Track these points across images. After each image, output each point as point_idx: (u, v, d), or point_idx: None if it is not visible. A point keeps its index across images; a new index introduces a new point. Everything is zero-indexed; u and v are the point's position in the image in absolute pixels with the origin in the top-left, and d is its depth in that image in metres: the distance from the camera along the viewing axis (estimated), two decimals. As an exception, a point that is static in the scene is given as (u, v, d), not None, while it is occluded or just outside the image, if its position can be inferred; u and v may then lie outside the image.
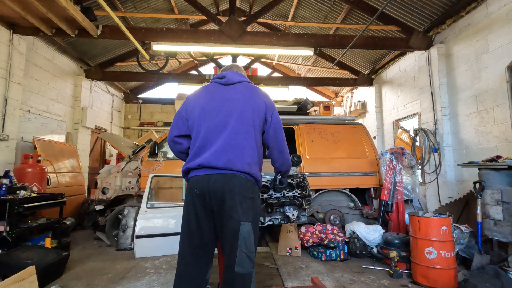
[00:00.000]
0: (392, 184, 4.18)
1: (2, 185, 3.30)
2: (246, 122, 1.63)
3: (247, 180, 1.60)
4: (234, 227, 1.53)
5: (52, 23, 4.48)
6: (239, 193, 1.55)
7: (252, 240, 1.57)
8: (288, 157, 1.83)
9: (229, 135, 1.60)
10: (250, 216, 1.58)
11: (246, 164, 1.59)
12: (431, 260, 2.81)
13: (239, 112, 1.64)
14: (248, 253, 1.55)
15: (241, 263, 1.52)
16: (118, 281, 2.96)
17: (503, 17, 3.93)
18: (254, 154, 1.64)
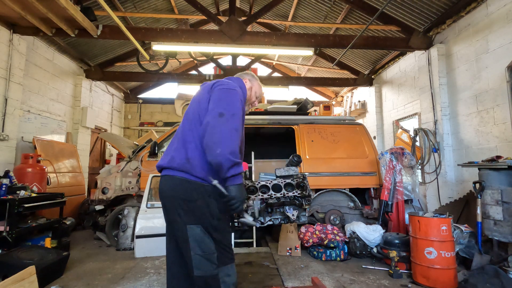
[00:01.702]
0: (392, 184, 4.18)
1: (2, 185, 3.30)
2: (191, 117, 1.61)
3: (186, 181, 1.51)
4: (181, 231, 1.51)
5: (52, 23, 4.48)
6: (177, 196, 1.51)
7: (208, 242, 1.48)
8: (224, 152, 1.37)
9: (178, 135, 1.64)
10: (197, 218, 1.50)
11: (184, 159, 1.51)
12: (431, 260, 2.81)
13: (187, 111, 1.69)
14: (205, 255, 1.48)
15: (198, 266, 1.47)
16: (118, 281, 2.96)
17: (503, 17, 3.93)
18: (196, 150, 1.51)
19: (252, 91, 1.88)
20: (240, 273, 3.19)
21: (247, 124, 4.86)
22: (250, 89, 1.87)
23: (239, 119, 1.50)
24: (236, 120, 1.48)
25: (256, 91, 1.90)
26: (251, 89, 1.88)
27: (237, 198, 1.43)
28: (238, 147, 1.44)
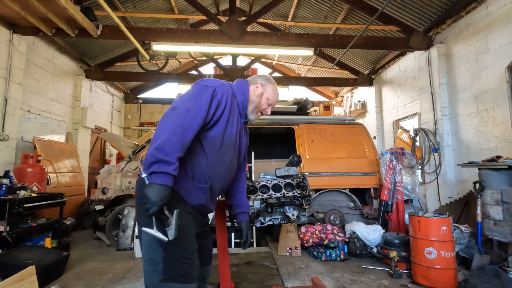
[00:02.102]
0: (392, 184, 4.18)
1: (2, 185, 3.30)
2: None
3: (139, 177, 1.44)
4: (139, 233, 1.42)
5: (52, 23, 4.48)
6: (136, 196, 1.46)
7: (156, 248, 1.31)
8: (152, 146, 1.25)
9: None
10: (140, 218, 1.41)
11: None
12: (431, 260, 2.81)
13: None
14: (151, 263, 1.34)
15: (145, 275, 1.36)
16: (118, 281, 2.96)
17: (503, 17, 3.93)
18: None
19: (263, 97, 1.66)
20: (240, 273, 3.19)
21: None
22: (260, 95, 1.65)
23: (192, 116, 1.32)
24: (187, 117, 1.31)
25: (269, 97, 1.67)
26: (261, 95, 1.66)
27: (149, 199, 1.19)
28: (176, 144, 1.24)
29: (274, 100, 1.71)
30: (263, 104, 1.67)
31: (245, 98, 1.62)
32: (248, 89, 1.65)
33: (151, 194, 1.19)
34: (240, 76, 7.42)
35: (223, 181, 1.57)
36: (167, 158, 1.21)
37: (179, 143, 1.26)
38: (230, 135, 1.50)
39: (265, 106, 1.68)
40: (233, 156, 1.56)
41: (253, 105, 1.64)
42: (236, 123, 1.53)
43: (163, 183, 1.21)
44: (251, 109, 1.64)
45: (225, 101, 1.46)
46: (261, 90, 1.67)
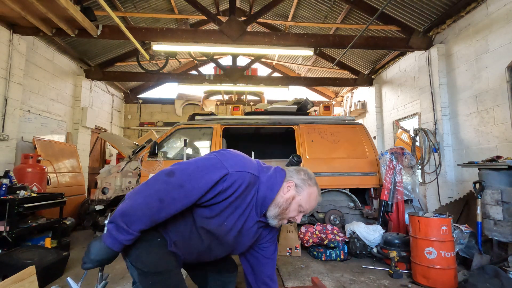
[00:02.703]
0: (392, 184, 4.18)
1: (2, 185, 3.30)
2: None
3: None
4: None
5: (52, 23, 4.48)
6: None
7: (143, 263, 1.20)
8: (118, 211, 1.14)
9: None
10: (133, 269, 1.24)
11: None
12: (431, 260, 2.81)
13: None
14: None
15: None
16: (118, 281, 2.96)
17: (503, 17, 3.93)
18: None
19: (293, 202, 1.31)
20: (240, 273, 3.18)
21: (247, 124, 4.86)
22: (290, 199, 1.30)
23: (181, 195, 1.13)
24: (175, 193, 1.12)
25: (302, 204, 1.31)
26: (291, 200, 1.30)
27: (88, 253, 1.13)
28: (145, 217, 1.10)
29: (307, 208, 1.33)
30: (292, 212, 1.32)
31: (270, 196, 1.29)
32: (279, 187, 1.31)
33: (93, 250, 1.12)
34: (240, 76, 7.43)
35: (200, 257, 1.40)
36: (126, 228, 1.09)
37: (149, 218, 1.12)
38: (220, 226, 1.27)
39: (294, 214, 1.33)
40: (218, 245, 1.34)
41: (278, 210, 1.30)
42: (236, 218, 1.27)
43: (109, 247, 1.11)
44: (274, 214, 1.31)
45: (230, 192, 1.20)
46: (292, 193, 1.31)
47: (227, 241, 1.34)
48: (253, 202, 1.29)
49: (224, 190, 1.19)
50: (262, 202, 1.29)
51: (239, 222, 1.29)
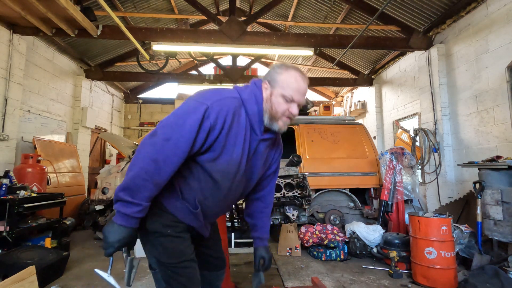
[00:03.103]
0: (392, 184, 4.18)
1: (2, 185, 3.30)
2: None
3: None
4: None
5: (52, 23, 4.48)
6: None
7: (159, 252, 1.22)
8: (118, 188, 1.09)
9: None
10: (151, 256, 1.30)
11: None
12: (431, 260, 2.81)
13: None
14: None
15: None
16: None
17: (503, 17, 3.93)
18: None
19: (273, 96, 1.20)
20: (240, 273, 3.19)
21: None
22: (269, 97, 1.21)
23: (171, 147, 1.07)
24: (164, 148, 1.06)
25: (284, 92, 1.18)
26: (270, 96, 1.20)
27: (105, 238, 1.08)
28: (146, 183, 1.06)
29: (292, 93, 1.18)
30: (279, 106, 1.19)
31: (259, 108, 1.21)
32: (262, 94, 1.23)
33: (108, 234, 1.08)
34: (240, 76, 7.42)
35: (219, 209, 1.36)
36: (131, 200, 1.05)
37: (151, 182, 1.06)
38: (229, 162, 1.18)
39: (284, 107, 1.19)
40: (234, 184, 1.26)
41: (267, 115, 1.21)
42: (241, 146, 1.19)
43: (121, 223, 1.06)
44: (268, 120, 1.21)
45: (221, 124, 1.11)
46: (269, 91, 1.21)
47: (242, 176, 1.28)
48: (248, 123, 1.21)
49: (213, 125, 1.11)
50: (257, 119, 1.22)
51: (245, 148, 1.21)
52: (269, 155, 1.40)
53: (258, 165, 1.33)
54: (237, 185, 1.29)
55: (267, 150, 1.35)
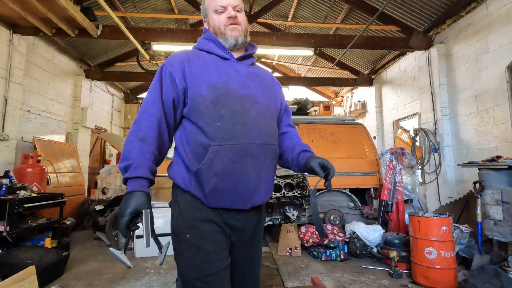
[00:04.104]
0: (392, 184, 4.18)
1: (2, 185, 3.30)
2: None
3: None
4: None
5: (52, 23, 4.48)
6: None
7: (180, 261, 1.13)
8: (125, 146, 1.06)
9: None
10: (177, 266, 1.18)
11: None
12: (431, 260, 2.81)
13: None
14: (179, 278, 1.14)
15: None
16: (118, 281, 2.96)
17: (503, 17, 3.93)
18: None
19: (208, 13, 1.25)
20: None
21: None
22: (210, 26, 1.25)
23: (145, 104, 1.09)
24: (142, 108, 1.10)
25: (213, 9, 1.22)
26: (207, 14, 1.26)
27: (120, 210, 0.99)
28: (132, 142, 1.04)
29: (217, 2, 1.21)
30: (217, 21, 1.21)
31: (212, 38, 1.21)
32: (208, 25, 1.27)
33: (122, 205, 1.00)
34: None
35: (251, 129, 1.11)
36: (126, 163, 1.02)
37: (136, 139, 1.04)
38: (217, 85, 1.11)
39: (221, 19, 1.20)
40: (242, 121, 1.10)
41: (219, 37, 1.22)
42: (212, 75, 1.12)
43: (127, 192, 1.00)
44: (223, 41, 1.21)
45: (180, 71, 1.11)
46: (207, 21, 1.27)
47: (240, 101, 1.12)
48: (213, 56, 1.19)
49: (173, 76, 1.10)
50: (217, 48, 1.20)
51: (221, 74, 1.13)
52: (267, 83, 1.28)
53: (257, 88, 1.20)
54: (243, 113, 1.10)
55: (259, 78, 1.25)
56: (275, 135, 1.22)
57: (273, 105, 1.25)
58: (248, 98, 1.14)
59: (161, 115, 1.08)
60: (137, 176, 1.01)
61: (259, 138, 1.12)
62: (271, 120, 1.21)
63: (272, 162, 1.18)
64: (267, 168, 1.15)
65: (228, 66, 1.18)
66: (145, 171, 1.02)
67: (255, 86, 1.19)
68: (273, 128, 1.22)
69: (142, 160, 1.03)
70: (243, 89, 1.14)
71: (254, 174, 1.09)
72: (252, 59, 1.31)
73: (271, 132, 1.19)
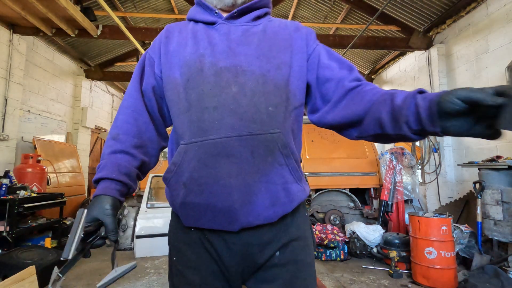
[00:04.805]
0: (392, 184, 4.18)
1: (2, 185, 3.30)
2: None
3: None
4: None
5: (52, 23, 4.48)
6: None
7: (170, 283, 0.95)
8: None
9: None
10: None
11: None
12: (431, 260, 2.81)
13: None
14: None
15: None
16: (118, 281, 2.96)
17: (503, 17, 3.93)
18: None
19: None
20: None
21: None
22: None
23: (124, 97, 0.91)
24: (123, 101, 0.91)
25: None
26: None
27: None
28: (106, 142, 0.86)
29: None
30: None
31: (199, 2, 0.93)
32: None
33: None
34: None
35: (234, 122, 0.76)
36: (99, 164, 0.83)
37: (110, 137, 0.86)
38: (189, 62, 0.82)
39: None
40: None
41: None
42: (194, 44, 0.85)
43: (94, 195, 0.78)
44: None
45: (158, 52, 0.90)
46: None
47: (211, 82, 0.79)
48: (198, 25, 0.90)
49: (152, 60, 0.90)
50: (202, 11, 0.91)
51: (198, 49, 0.84)
52: (276, 39, 0.86)
53: (250, 52, 0.82)
54: (214, 94, 0.77)
55: (262, 36, 0.86)
56: (275, 117, 0.79)
57: (277, 71, 0.81)
58: (229, 70, 0.79)
59: (140, 107, 0.87)
60: (103, 178, 0.78)
61: (239, 126, 0.75)
62: (269, 95, 0.79)
63: (271, 160, 0.77)
64: (263, 169, 0.76)
65: (214, 32, 0.86)
66: (111, 171, 0.78)
67: (248, 51, 0.82)
68: (272, 105, 0.79)
69: (112, 159, 0.81)
70: (224, 60, 0.80)
71: (235, 182, 0.75)
72: (255, 12, 0.89)
73: (265, 113, 0.77)
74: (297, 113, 0.87)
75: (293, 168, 0.81)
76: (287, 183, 0.80)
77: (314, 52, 0.89)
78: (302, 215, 0.87)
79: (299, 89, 0.86)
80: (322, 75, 0.86)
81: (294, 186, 0.81)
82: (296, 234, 0.84)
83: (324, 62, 0.87)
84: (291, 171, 0.81)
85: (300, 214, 0.87)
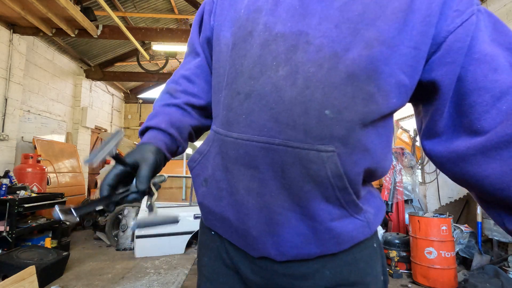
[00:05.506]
0: (392, 184, 4.18)
1: (2, 185, 3.30)
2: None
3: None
4: None
5: (52, 23, 4.48)
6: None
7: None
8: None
9: None
10: None
11: None
12: (431, 260, 2.81)
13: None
14: None
15: None
16: (118, 281, 2.96)
17: (503, 17, 3.93)
18: None
19: None
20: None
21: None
22: None
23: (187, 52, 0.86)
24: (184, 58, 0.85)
25: None
26: None
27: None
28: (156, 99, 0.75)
29: None
30: None
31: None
32: None
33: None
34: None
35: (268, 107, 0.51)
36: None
37: (165, 90, 0.77)
38: (241, 18, 0.58)
39: None
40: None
41: None
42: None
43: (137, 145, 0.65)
44: None
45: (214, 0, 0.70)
46: None
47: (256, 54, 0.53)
48: None
49: (208, 10, 0.72)
50: None
51: (256, 1, 0.57)
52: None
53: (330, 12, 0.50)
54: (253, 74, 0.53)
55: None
56: (331, 125, 0.50)
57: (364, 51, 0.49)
58: (285, 39, 0.51)
59: (201, 59, 0.78)
60: (150, 126, 0.66)
61: (271, 129, 0.51)
62: (334, 90, 0.50)
63: (310, 189, 0.52)
64: (297, 199, 0.53)
65: None
66: (161, 121, 0.65)
67: (328, 11, 0.50)
68: (333, 107, 0.50)
69: (161, 109, 0.69)
70: (284, 22, 0.52)
71: (254, 204, 0.55)
72: None
73: (316, 116, 0.50)
74: (384, 124, 0.60)
75: (349, 202, 0.54)
76: (334, 220, 0.53)
77: (459, 30, 0.48)
78: (364, 252, 0.59)
79: (399, 87, 0.56)
80: (471, 76, 0.49)
81: (346, 223, 0.54)
82: (349, 278, 0.56)
83: (481, 49, 0.48)
84: (344, 205, 0.54)
85: (360, 249, 0.58)
